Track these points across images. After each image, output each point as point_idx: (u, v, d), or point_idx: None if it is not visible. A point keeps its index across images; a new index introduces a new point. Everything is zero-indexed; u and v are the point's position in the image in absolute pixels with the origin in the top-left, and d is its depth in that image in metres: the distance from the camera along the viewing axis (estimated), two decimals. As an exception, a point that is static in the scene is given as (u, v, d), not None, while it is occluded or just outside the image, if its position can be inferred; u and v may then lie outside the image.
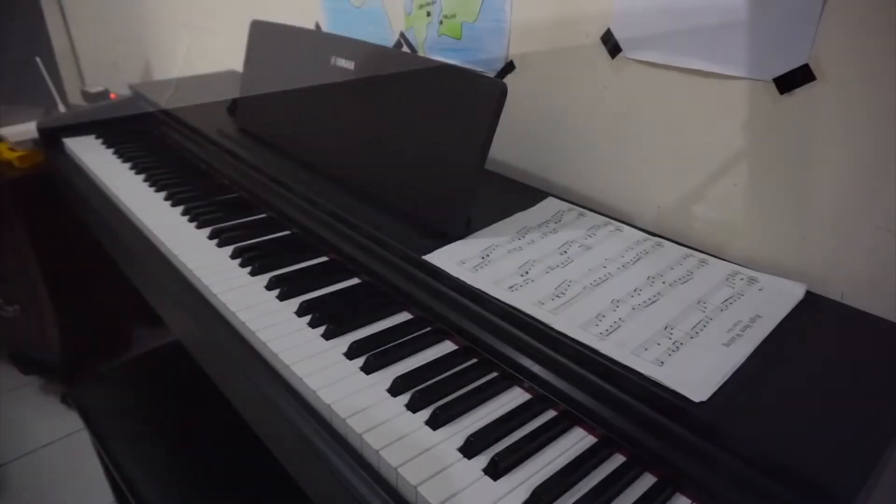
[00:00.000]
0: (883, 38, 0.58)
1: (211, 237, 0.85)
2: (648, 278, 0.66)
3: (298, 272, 0.77)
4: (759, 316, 0.60)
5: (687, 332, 0.58)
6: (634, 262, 0.69)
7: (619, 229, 0.76)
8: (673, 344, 0.56)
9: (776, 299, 0.63)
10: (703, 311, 0.61)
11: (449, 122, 0.75)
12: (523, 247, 0.72)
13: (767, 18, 0.65)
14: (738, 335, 0.57)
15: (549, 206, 0.83)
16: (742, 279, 0.66)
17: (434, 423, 0.54)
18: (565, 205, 0.83)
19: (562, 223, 0.78)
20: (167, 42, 1.97)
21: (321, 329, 0.66)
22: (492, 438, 0.53)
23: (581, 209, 0.81)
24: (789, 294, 0.63)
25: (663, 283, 0.66)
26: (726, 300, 0.63)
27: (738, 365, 0.53)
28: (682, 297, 0.63)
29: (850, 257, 0.66)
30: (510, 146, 0.97)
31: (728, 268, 0.68)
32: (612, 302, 0.62)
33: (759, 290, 0.64)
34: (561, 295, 0.63)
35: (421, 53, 1.08)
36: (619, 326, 0.59)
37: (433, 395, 0.57)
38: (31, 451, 1.52)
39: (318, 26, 1.30)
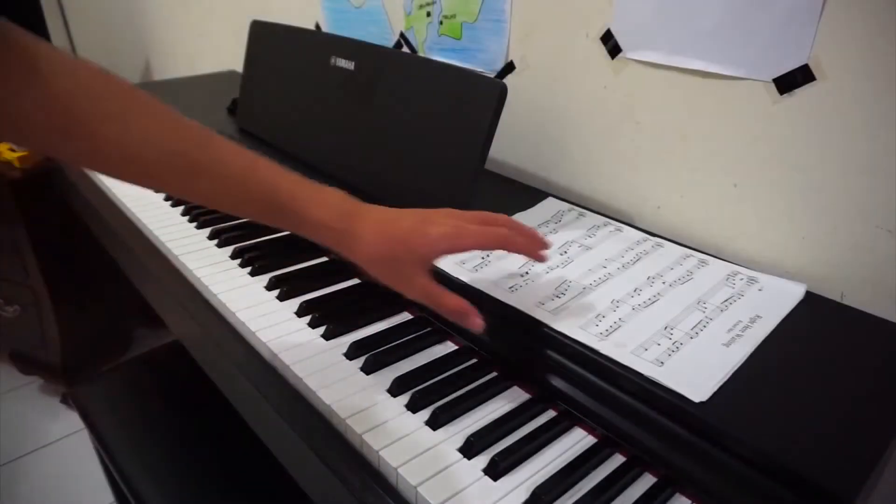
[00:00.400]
0: (883, 38, 0.58)
1: (211, 237, 0.85)
2: (648, 278, 0.66)
3: (298, 272, 0.77)
4: (759, 316, 0.60)
5: (687, 333, 0.58)
6: (634, 262, 0.69)
7: (619, 229, 0.76)
8: (673, 344, 0.56)
9: (776, 299, 0.63)
10: (703, 312, 0.61)
11: (449, 122, 0.75)
12: (523, 247, 0.72)
13: (767, 18, 0.65)
14: (738, 335, 0.57)
15: (549, 206, 0.83)
16: (742, 279, 0.66)
17: (434, 423, 0.54)
18: (565, 205, 0.83)
19: (562, 223, 0.78)
20: (167, 42, 1.97)
21: (321, 329, 0.66)
22: (492, 438, 0.52)
23: (581, 209, 0.81)
24: (789, 294, 0.63)
25: (663, 283, 0.66)
26: (726, 300, 0.63)
27: (738, 365, 0.53)
28: (682, 297, 0.63)
29: (850, 257, 0.66)
30: (510, 146, 0.97)
31: (728, 268, 0.68)
32: (612, 302, 0.62)
33: (759, 290, 0.64)
34: (561, 295, 0.63)
35: (421, 53, 1.08)
36: (619, 326, 0.59)
37: (433, 396, 0.57)
38: (31, 451, 1.52)
39: (318, 26, 1.30)
